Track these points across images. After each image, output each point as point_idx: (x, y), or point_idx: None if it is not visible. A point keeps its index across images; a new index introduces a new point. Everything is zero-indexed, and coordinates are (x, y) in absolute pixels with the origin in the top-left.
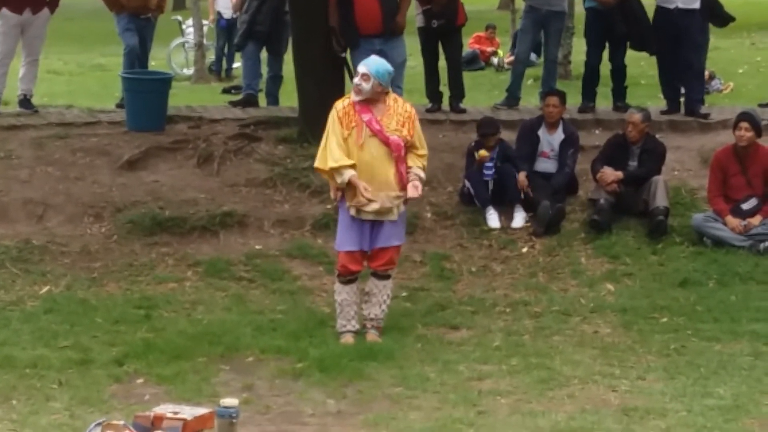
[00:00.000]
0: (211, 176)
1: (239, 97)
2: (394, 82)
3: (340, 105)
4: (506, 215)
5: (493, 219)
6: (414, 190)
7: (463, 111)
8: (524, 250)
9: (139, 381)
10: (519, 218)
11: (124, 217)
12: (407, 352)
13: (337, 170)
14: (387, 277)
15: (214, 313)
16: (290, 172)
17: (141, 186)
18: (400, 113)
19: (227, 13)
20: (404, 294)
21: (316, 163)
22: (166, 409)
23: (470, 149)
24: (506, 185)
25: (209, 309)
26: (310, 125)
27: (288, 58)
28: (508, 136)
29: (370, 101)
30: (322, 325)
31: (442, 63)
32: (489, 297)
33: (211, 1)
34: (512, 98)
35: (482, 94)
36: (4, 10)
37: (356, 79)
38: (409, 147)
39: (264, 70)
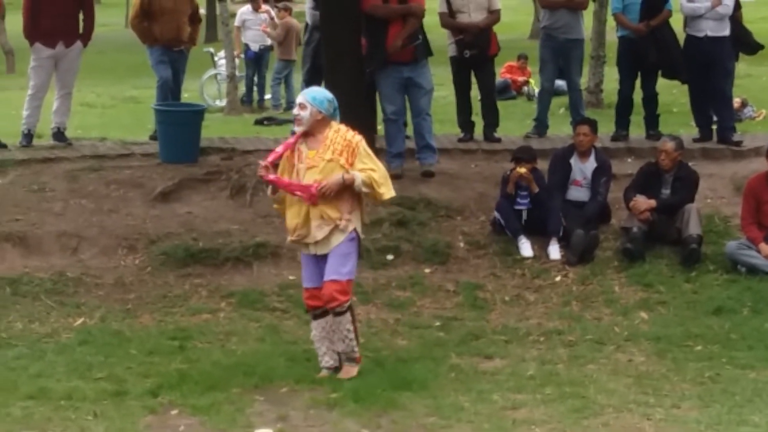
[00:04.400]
0: (244, 207)
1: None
2: (424, 110)
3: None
4: (539, 244)
5: (525, 248)
6: (333, 179)
7: (498, 140)
8: (557, 278)
9: (174, 412)
10: (555, 250)
11: (158, 248)
12: (441, 382)
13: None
14: (338, 313)
15: (247, 344)
16: None
17: (174, 218)
18: (339, 142)
19: (255, 46)
20: (437, 324)
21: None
22: None
23: (504, 178)
24: (543, 216)
25: (243, 340)
26: None
27: None
28: (540, 165)
29: (311, 133)
30: None
31: (474, 92)
32: (522, 326)
33: (237, 33)
34: (541, 126)
35: (514, 123)
36: (38, 44)
37: (294, 110)
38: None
39: None
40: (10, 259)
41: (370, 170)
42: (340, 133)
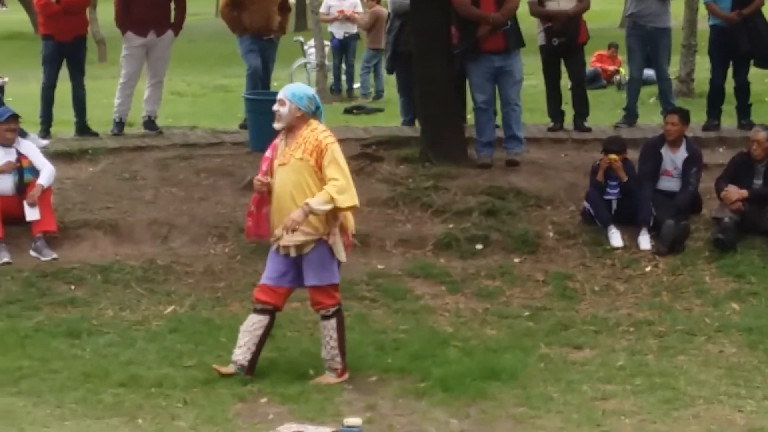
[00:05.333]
0: None
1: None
2: (513, 100)
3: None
4: (629, 234)
5: (615, 238)
6: (295, 213)
7: (588, 129)
8: (648, 269)
9: (263, 400)
10: (645, 240)
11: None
12: (530, 372)
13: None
14: (325, 317)
15: None
16: (412, 191)
17: None
18: (311, 141)
19: (339, 33)
20: (527, 313)
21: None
22: (290, 429)
23: (594, 168)
24: (633, 206)
25: None
26: (432, 145)
27: None
28: (630, 154)
29: (291, 129)
30: (444, 344)
31: (564, 81)
32: (612, 316)
33: (326, 20)
34: (630, 116)
35: (604, 113)
36: (129, 33)
37: (275, 106)
38: (322, 181)
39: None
40: (102, 246)
41: (333, 180)
42: (314, 133)
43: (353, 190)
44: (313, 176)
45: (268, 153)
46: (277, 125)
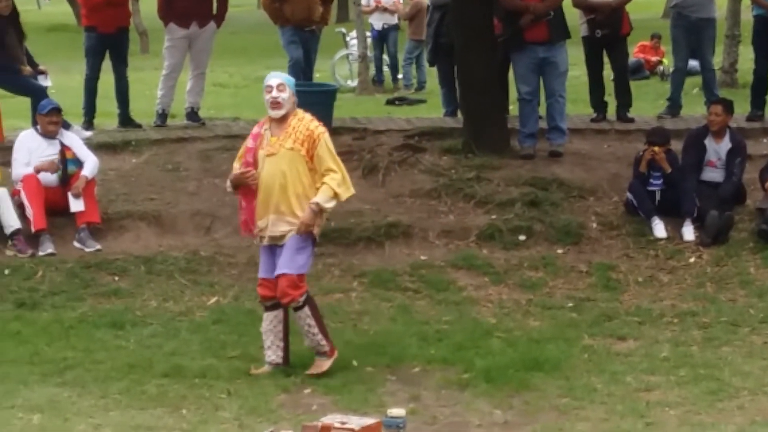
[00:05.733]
0: (376, 187)
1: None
2: (557, 91)
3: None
4: (673, 225)
5: (659, 229)
6: (306, 215)
7: (631, 120)
8: (692, 260)
9: (307, 391)
10: (689, 231)
11: None
12: (574, 363)
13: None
14: (297, 308)
15: (379, 324)
16: (455, 182)
17: None
18: (301, 131)
19: (378, 24)
20: (570, 304)
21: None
22: (333, 419)
23: (637, 158)
24: (677, 196)
25: (375, 319)
26: (474, 135)
27: None
28: (674, 145)
29: (281, 118)
30: (487, 335)
31: (606, 72)
32: (656, 307)
33: (367, 10)
34: (674, 106)
35: (647, 104)
36: (172, 24)
37: (273, 93)
38: (313, 171)
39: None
40: (145, 237)
41: (330, 171)
42: (303, 122)
43: (348, 179)
44: (303, 166)
45: (249, 143)
46: (278, 113)
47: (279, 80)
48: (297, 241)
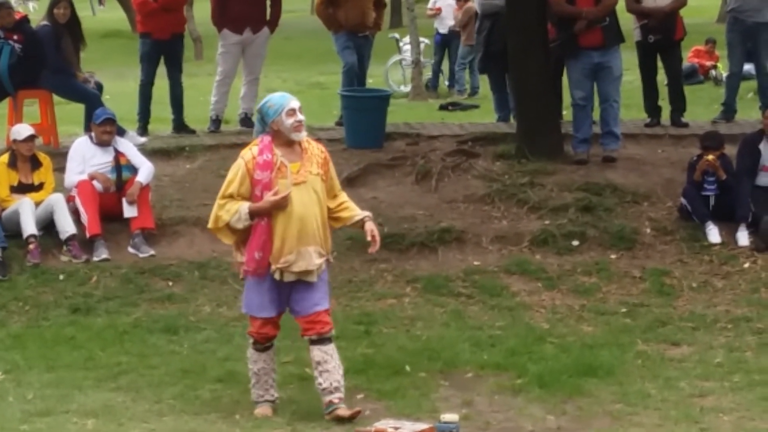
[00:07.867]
0: (429, 193)
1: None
2: (611, 96)
3: (248, 155)
4: (727, 230)
5: (713, 234)
6: (375, 228)
7: (685, 125)
8: (746, 265)
9: (360, 396)
10: (743, 236)
11: (344, 233)
12: (627, 368)
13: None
14: (330, 339)
15: (432, 329)
16: (508, 188)
17: (360, 203)
18: (317, 155)
19: (443, 29)
20: (623, 310)
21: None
22: (386, 425)
23: (691, 163)
24: (731, 202)
25: (428, 325)
26: (528, 141)
27: None
28: (729, 150)
29: (291, 144)
30: (540, 340)
31: (660, 77)
32: (710, 313)
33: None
34: (729, 111)
35: (701, 108)
36: (225, 30)
37: (298, 116)
38: (329, 192)
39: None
40: (199, 243)
41: (342, 192)
42: (311, 145)
43: None
44: (324, 190)
45: (261, 175)
46: (301, 135)
47: (298, 102)
48: (325, 275)
